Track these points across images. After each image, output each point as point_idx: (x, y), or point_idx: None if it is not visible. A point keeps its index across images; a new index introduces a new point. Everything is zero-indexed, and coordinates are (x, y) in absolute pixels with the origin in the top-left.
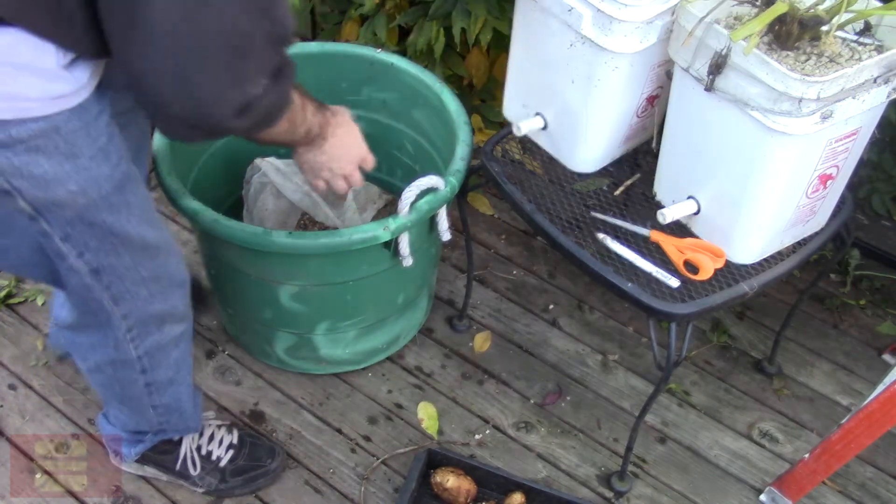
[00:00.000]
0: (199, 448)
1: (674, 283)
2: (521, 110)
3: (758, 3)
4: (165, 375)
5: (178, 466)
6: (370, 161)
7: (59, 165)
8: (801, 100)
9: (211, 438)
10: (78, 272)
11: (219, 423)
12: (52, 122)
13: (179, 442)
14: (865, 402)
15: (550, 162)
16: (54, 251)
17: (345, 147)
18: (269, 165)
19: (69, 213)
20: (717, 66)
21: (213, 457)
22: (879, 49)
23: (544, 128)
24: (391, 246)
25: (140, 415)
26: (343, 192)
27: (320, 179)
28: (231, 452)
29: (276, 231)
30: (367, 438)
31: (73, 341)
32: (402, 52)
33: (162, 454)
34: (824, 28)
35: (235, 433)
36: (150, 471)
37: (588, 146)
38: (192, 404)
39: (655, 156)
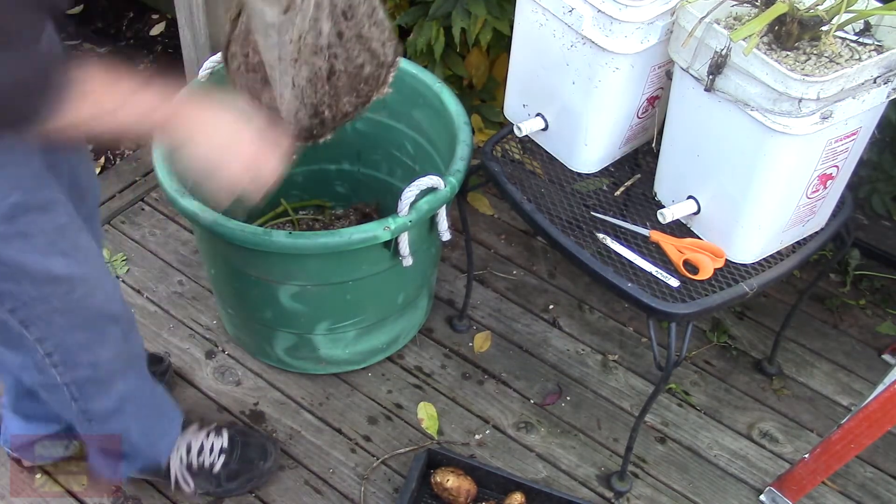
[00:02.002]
0: (189, 465)
1: (674, 283)
2: (521, 111)
3: (758, 3)
4: (104, 406)
5: (173, 487)
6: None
7: None
8: (800, 100)
9: (200, 451)
10: None
11: (206, 430)
12: None
13: (168, 471)
14: (865, 402)
15: (550, 162)
16: None
17: (221, 132)
18: None
19: None
20: (717, 66)
21: (206, 465)
22: (879, 49)
23: (545, 128)
24: (391, 246)
25: (92, 440)
26: (227, 199)
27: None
28: (223, 457)
29: (275, 231)
30: (367, 438)
31: (2, 361)
32: (402, 52)
33: (154, 474)
34: (824, 28)
35: (225, 435)
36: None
37: (589, 147)
38: (148, 440)
39: (656, 156)
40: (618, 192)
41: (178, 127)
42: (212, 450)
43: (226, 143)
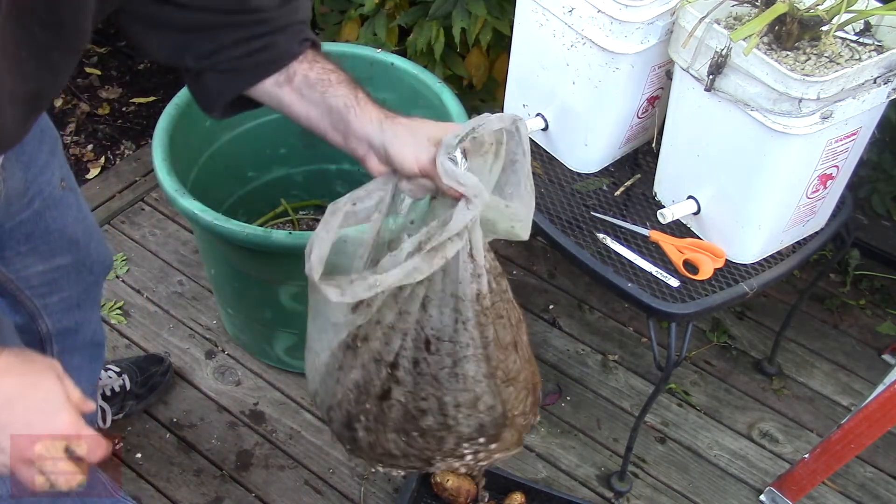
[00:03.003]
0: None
1: (674, 283)
2: (521, 111)
3: (758, 4)
4: None
5: None
6: (86, 405)
7: None
8: (801, 100)
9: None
10: None
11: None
12: None
13: None
14: (865, 402)
15: (550, 162)
16: None
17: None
18: None
19: None
20: (717, 66)
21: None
22: (879, 49)
23: (545, 128)
24: None
25: None
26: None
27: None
28: (125, 378)
29: (275, 231)
30: None
31: None
32: (402, 52)
33: None
34: (824, 28)
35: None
36: None
37: (589, 147)
38: None
39: (656, 156)
40: (618, 192)
41: None
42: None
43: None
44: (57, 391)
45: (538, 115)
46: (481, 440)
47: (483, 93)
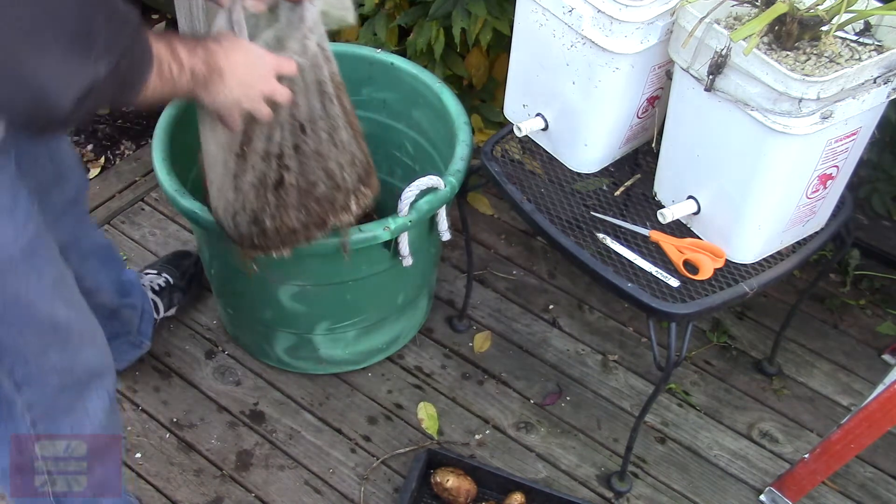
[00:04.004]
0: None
1: (674, 283)
2: (521, 111)
3: (758, 3)
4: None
5: None
6: (287, 65)
7: None
8: (801, 100)
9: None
10: None
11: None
12: None
13: None
14: (865, 402)
15: (550, 162)
16: None
17: (247, 67)
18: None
19: None
20: (717, 66)
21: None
22: (879, 49)
23: (545, 128)
24: (391, 246)
25: None
26: (269, 118)
27: (241, 115)
28: (166, 275)
29: None
30: (367, 438)
31: None
32: (402, 52)
33: None
34: (824, 28)
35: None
36: None
37: (589, 147)
38: None
39: (656, 156)
40: (618, 192)
41: (219, 68)
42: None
43: (257, 57)
44: (270, 61)
45: (538, 115)
46: (362, 188)
47: (483, 93)
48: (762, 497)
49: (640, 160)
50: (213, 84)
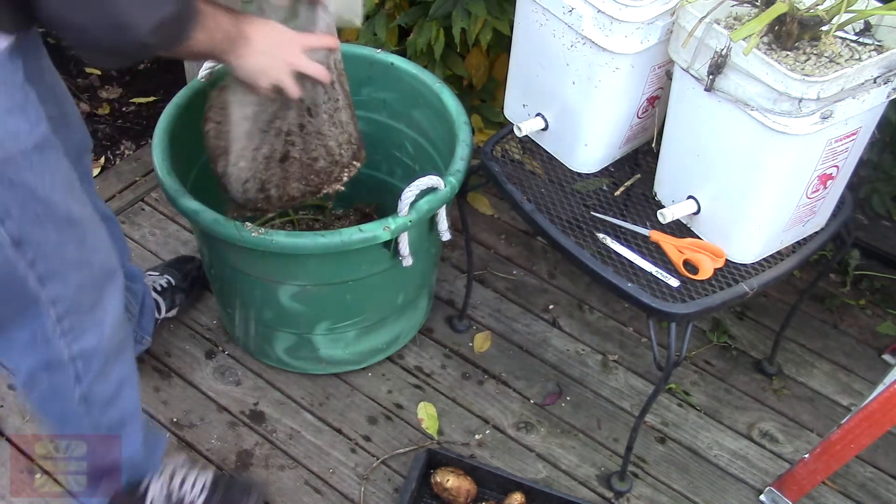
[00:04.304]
0: (169, 496)
1: (674, 283)
2: (521, 111)
3: (758, 3)
4: (104, 392)
5: None
6: (316, 41)
7: None
8: (801, 100)
9: (182, 483)
10: None
11: (192, 464)
12: None
13: (145, 493)
14: (865, 402)
15: (550, 162)
16: None
17: (275, 36)
18: None
19: None
20: (717, 66)
21: (186, 500)
22: (879, 49)
23: (545, 128)
24: (391, 246)
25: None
26: (298, 94)
27: (269, 85)
28: (204, 494)
29: (276, 231)
30: (367, 438)
31: (9, 348)
32: (402, 52)
33: (127, 499)
34: (824, 28)
35: (209, 475)
36: None
37: (589, 147)
38: (141, 439)
39: (656, 156)
40: (618, 192)
41: (247, 34)
42: (193, 485)
43: (284, 31)
44: (297, 37)
45: (538, 115)
46: (354, 162)
47: (483, 93)
48: (762, 497)
49: (640, 160)
50: (240, 48)
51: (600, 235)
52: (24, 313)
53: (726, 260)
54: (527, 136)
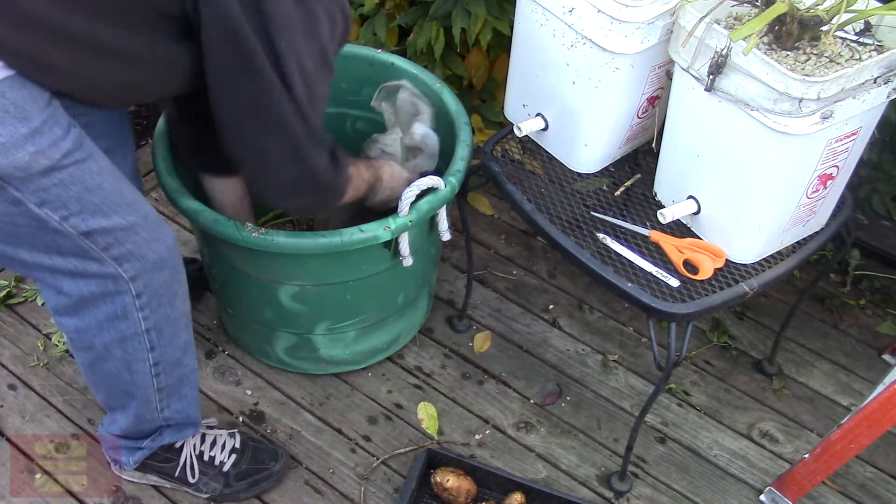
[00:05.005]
0: (200, 455)
1: (674, 283)
2: (521, 111)
3: (758, 3)
4: (173, 355)
5: (178, 473)
6: (422, 181)
7: (13, 129)
8: (801, 100)
9: (213, 444)
10: (67, 235)
11: (220, 429)
12: None
13: (180, 449)
14: (865, 402)
15: (550, 162)
16: (32, 221)
17: (396, 174)
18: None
19: (37, 177)
20: (717, 66)
21: (216, 462)
22: (879, 49)
23: (545, 128)
24: (391, 246)
25: (144, 407)
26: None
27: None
28: (234, 457)
29: (275, 231)
30: (367, 438)
31: (79, 327)
32: (402, 52)
33: (162, 462)
34: (824, 28)
35: (238, 437)
36: (151, 478)
37: (589, 147)
38: (195, 396)
39: (656, 156)
40: (618, 192)
41: (380, 176)
42: (223, 447)
43: (399, 169)
44: (406, 175)
45: (538, 115)
46: None
47: (483, 93)
48: (762, 497)
49: (640, 160)
50: (376, 189)
51: (600, 235)
52: (103, 288)
53: (726, 260)
54: (527, 136)
